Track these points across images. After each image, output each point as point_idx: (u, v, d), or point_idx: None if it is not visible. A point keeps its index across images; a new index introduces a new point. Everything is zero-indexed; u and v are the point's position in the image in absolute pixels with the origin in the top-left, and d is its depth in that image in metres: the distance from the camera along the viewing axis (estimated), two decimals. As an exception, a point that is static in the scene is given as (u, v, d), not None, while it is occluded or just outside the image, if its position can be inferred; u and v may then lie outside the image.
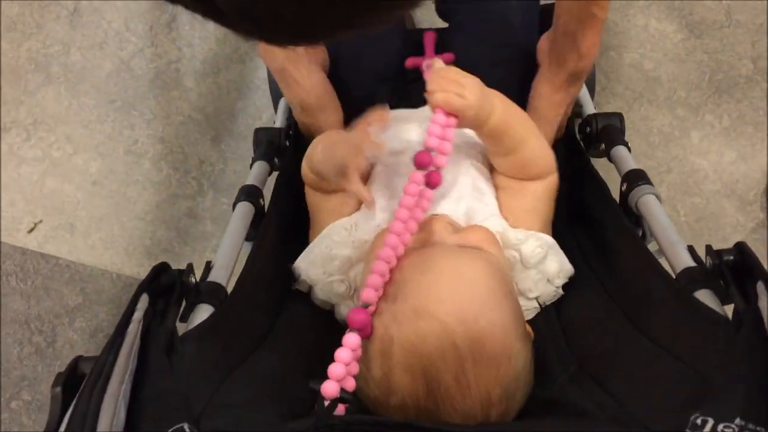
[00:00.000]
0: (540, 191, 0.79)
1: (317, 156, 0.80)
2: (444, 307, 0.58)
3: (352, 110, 0.87)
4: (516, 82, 0.93)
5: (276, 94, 1.24)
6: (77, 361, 0.52)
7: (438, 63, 0.75)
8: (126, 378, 0.48)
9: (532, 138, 0.77)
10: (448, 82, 0.69)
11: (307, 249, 0.78)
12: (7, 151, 1.51)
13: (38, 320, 1.41)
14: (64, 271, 1.43)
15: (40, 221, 1.46)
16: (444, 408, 0.57)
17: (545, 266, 0.73)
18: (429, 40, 0.99)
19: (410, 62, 0.97)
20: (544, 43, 0.93)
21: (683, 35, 1.44)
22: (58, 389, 0.49)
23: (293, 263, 0.80)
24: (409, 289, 0.61)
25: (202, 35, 1.55)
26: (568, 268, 0.75)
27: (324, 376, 0.54)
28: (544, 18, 1.00)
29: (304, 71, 0.89)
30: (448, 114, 0.69)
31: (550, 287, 0.75)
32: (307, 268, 0.77)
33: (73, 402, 0.47)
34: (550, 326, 0.74)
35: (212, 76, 1.53)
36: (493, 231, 0.73)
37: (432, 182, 0.67)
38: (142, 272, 1.42)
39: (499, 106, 0.73)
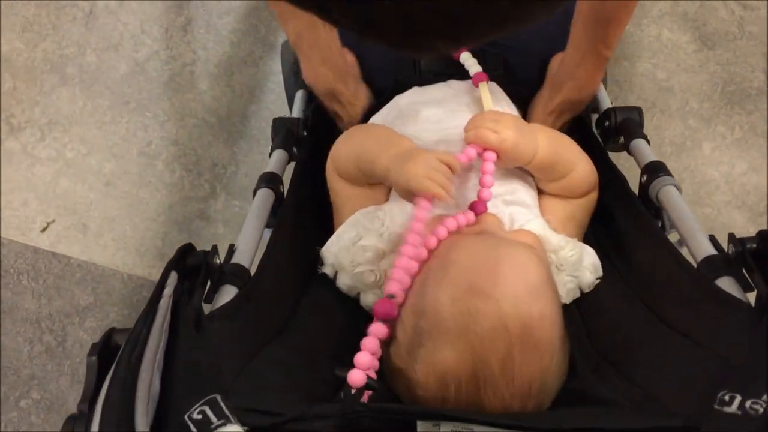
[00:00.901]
0: (582, 203, 0.81)
1: (345, 160, 0.81)
2: (500, 289, 0.59)
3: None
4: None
5: (291, 87, 1.26)
6: (111, 332, 0.53)
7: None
8: (159, 348, 0.49)
9: (579, 165, 0.79)
10: (483, 119, 0.72)
11: (335, 234, 0.78)
12: (21, 150, 1.52)
13: (49, 319, 1.42)
14: (76, 271, 1.44)
15: (53, 221, 1.47)
16: (485, 393, 0.57)
17: (580, 273, 0.74)
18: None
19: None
20: (554, 63, 0.94)
21: (696, 46, 1.45)
22: (94, 358, 0.50)
23: (314, 248, 0.81)
24: (464, 268, 0.62)
25: (216, 38, 1.56)
26: (599, 274, 0.76)
27: (349, 363, 0.54)
28: None
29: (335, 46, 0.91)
30: (485, 149, 0.72)
31: (579, 295, 0.75)
32: (335, 254, 0.77)
33: (112, 368, 0.48)
34: (571, 318, 0.74)
35: (226, 78, 1.54)
36: (535, 232, 0.74)
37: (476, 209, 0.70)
38: (154, 273, 1.43)
39: (544, 140, 0.75)
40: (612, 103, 1.39)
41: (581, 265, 0.74)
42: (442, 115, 0.85)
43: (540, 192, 0.83)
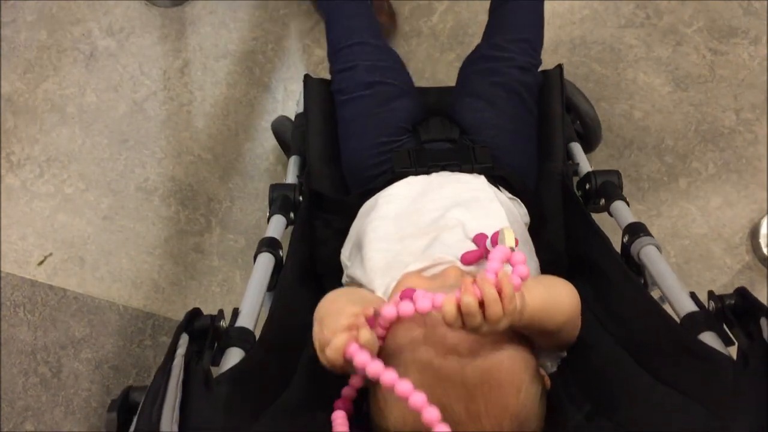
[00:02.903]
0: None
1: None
2: (453, 337, 0.63)
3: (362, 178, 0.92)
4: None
5: (286, 149, 1.31)
6: (128, 390, 0.57)
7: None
8: (176, 405, 0.53)
9: (567, 326, 0.75)
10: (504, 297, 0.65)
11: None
12: (20, 186, 1.55)
13: (44, 351, 1.43)
14: (72, 303, 1.46)
15: (50, 254, 1.50)
16: None
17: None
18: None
19: (466, 258, 0.81)
20: None
21: (670, 88, 1.53)
22: (114, 414, 0.54)
23: (311, 309, 0.84)
24: (425, 320, 0.66)
25: (213, 80, 1.62)
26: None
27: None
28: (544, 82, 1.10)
29: None
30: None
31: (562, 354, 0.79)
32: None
33: (133, 423, 0.51)
34: (562, 372, 0.77)
35: (222, 118, 1.59)
36: None
37: None
38: (149, 305, 1.46)
39: (528, 309, 0.67)
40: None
41: None
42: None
43: None
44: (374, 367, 0.60)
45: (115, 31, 1.68)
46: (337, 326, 0.62)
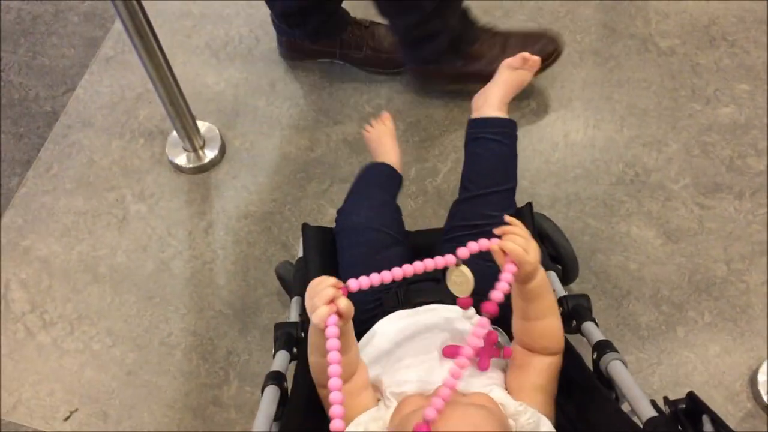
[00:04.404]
0: (545, 366, 0.91)
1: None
2: None
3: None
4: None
5: (288, 291, 1.43)
6: None
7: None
8: None
9: (555, 316, 0.92)
10: (521, 237, 0.85)
11: None
12: (51, 343, 1.65)
13: (65, 507, 1.47)
14: (94, 458, 1.51)
15: (76, 410, 1.57)
16: None
17: None
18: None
19: (447, 351, 0.97)
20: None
21: (662, 240, 1.63)
22: None
23: None
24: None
25: (235, 239, 1.74)
26: None
27: None
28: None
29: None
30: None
31: None
32: None
33: None
34: None
35: (242, 274, 1.70)
36: (495, 398, 0.85)
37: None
38: (168, 459, 1.50)
39: (542, 274, 0.88)
40: (590, 290, 1.55)
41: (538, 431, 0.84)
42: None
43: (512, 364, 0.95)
44: (332, 343, 0.77)
45: (146, 196, 1.83)
46: (323, 296, 0.80)
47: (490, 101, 1.33)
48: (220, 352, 1.61)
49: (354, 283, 0.83)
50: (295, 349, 1.11)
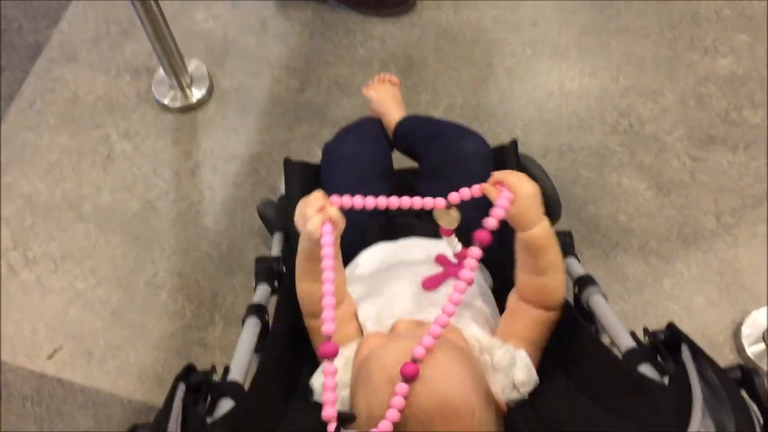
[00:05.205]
0: (537, 319, 0.90)
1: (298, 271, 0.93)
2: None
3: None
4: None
5: (270, 228, 1.42)
6: (135, 427, 0.66)
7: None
8: None
9: (560, 272, 0.90)
10: (513, 173, 0.85)
11: (319, 369, 0.89)
12: (34, 281, 1.63)
13: (49, 443, 1.48)
14: (78, 396, 1.52)
15: (60, 348, 1.56)
16: None
17: (513, 373, 0.84)
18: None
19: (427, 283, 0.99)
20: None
21: (653, 192, 1.62)
22: None
23: (294, 369, 0.93)
24: (381, 367, 0.74)
25: (222, 180, 1.72)
26: (535, 380, 0.86)
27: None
28: (498, 157, 1.21)
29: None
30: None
31: (516, 393, 0.85)
32: (321, 386, 0.87)
33: None
34: (524, 409, 0.84)
35: (229, 216, 1.68)
36: (470, 335, 0.85)
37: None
38: (153, 398, 1.50)
39: (546, 225, 0.87)
40: (579, 240, 1.54)
41: (514, 367, 0.84)
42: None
43: (508, 297, 0.94)
44: (327, 250, 0.79)
45: (131, 134, 1.79)
46: (314, 204, 0.83)
47: (390, 118, 1.33)
48: (206, 293, 1.60)
49: (336, 199, 0.85)
50: (276, 283, 1.11)
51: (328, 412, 0.71)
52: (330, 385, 0.74)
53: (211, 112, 1.82)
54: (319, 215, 0.82)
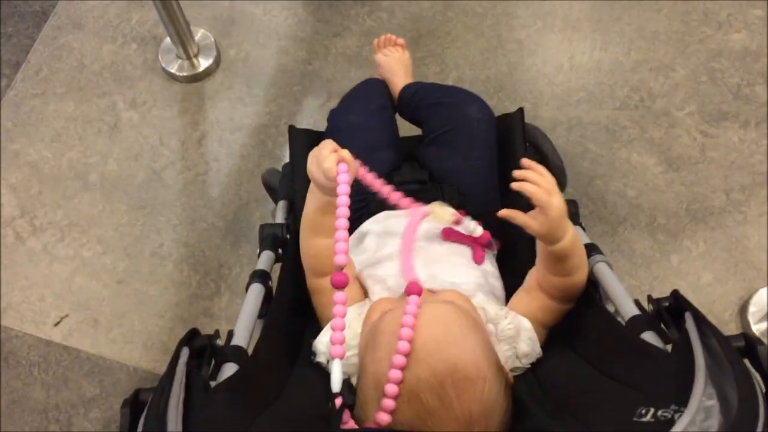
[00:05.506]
0: (557, 308, 0.89)
1: (303, 224, 0.93)
2: (422, 342, 0.70)
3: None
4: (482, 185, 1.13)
5: (274, 197, 1.43)
6: (138, 391, 0.66)
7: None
8: (179, 401, 0.61)
9: (584, 271, 0.88)
10: (545, 179, 0.83)
11: (323, 330, 0.89)
12: (41, 249, 1.63)
13: (56, 410, 1.49)
14: (84, 364, 1.52)
15: (67, 315, 1.57)
16: (432, 423, 0.67)
17: (517, 344, 0.84)
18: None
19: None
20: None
21: (662, 168, 1.60)
22: (126, 410, 0.64)
23: (297, 334, 0.93)
24: (390, 332, 0.73)
25: (228, 151, 1.71)
26: (538, 352, 0.86)
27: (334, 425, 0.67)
28: (503, 125, 1.20)
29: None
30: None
31: (519, 363, 0.85)
32: (324, 346, 0.88)
33: (143, 414, 0.61)
34: (527, 378, 0.84)
35: (235, 187, 1.68)
36: (476, 303, 0.85)
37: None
38: (158, 367, 1.51)
39: (571, 231, 0.85)
40: (587, 216, 1.53)
41: (518, 338, 0.84)
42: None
43: (527, 282, 0.94)
44: (342, 188, 0.80)
45: (138, 104, 1.78)
46: (328, 146, 0.82)
47: (396, 84, 1.34)
48: (212, 264, 1.60)
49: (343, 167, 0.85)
50: (280, 251, 1.11)
51: (337, 350, 0.72)
52: (339, 312, 0.73)
53: (218, 82, 1.81)
54: (333, 155, 0.81)
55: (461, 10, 1.84)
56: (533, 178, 0.82)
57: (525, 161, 0.85)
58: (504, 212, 0.84)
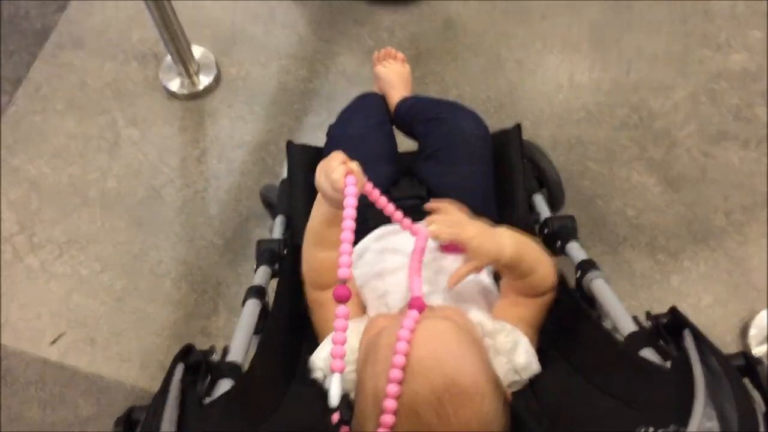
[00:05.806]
0: (537, 304, 0.90)
1: (309, 236, 0.91)
2: (419, 358, 0.69)
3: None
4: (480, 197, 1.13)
5: (272, 212, 1.43)
6: (132, 409, 0.66)
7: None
8: (173, 418, 0.61)
9: (540, 266, 0.89)
10: (449, 217, 0.85)
11: (321, 345, 0.88)
12: (39, 267, 1.63)
13: (51, 428, 1.47)
14: (81, 382, 1.51)
15: (64, 333, 1.56)
16: None
17: (515, 357, 0.83)
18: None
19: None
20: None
21: (662, 188, 1.60)
22: (120, 429, 0.64)
23: (293, 351, 0.92)
24: (388, 346, 0.71)
25: (228, 168, 1.71)
26: (536, 367, 0.84)
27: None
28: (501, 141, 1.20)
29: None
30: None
31: (517, 377, 0.84)
32: (325, 360, 0.86)
33: (138, 429, 0.61)
34: (524, 394, 0.83)
35: (234, 204, 1.67)
36: (474, 320, 0.84)
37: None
38: (155, 385, 1.48)
39: (508, 242, 0.86)
40: (587, 236, 1.53)
41: (515, 351, 0.83)
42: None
43: (501, 284, 0.94)
44: (349, 201, 0.78)
45: (138, 121, 1.78)
46: (337, 158, 0.81)
47: (394, 97, 1.34)
48: (210, 282, 1.59)
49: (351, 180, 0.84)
50: (276, 266, 1.11)
51: (337, 364, 0.70)
52: (341, 326, 0.72)
53: (218, 100, 1.81)
54: (342, 166, 0.80)
55: (461, 30, 1.84)
56: (438, 221, 0.86)
57: (426, 205, 0.89)
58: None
